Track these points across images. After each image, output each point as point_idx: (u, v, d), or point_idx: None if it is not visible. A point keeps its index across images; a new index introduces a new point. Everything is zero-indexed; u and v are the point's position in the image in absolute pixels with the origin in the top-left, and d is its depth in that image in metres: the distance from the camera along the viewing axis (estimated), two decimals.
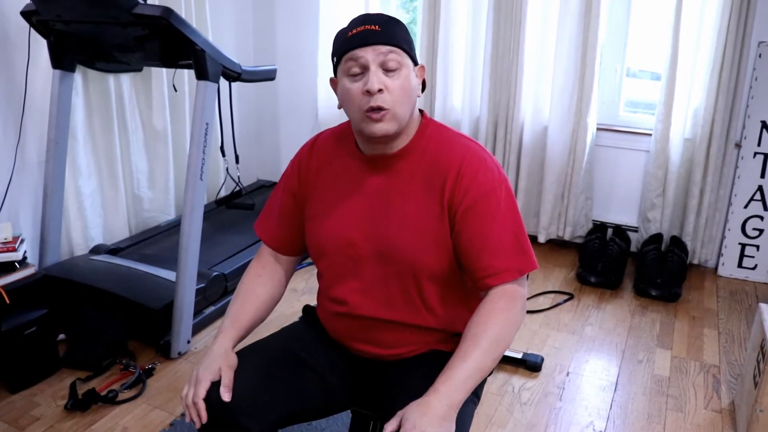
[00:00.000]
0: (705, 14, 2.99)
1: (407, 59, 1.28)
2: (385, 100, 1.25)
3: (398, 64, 1.26)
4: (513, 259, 1.30)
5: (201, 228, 2.46)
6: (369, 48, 1.24)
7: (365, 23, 1.26)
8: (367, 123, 1.27)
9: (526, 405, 2.24)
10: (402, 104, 1.27)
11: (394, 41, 1.26)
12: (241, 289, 1.49)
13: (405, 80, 1.27)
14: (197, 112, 2.38)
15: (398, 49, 1.26)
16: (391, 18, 1.30)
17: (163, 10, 2.20)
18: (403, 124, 1.30)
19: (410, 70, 1.29)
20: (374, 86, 1.23)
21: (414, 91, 1.30)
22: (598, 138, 3.41)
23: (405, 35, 1.29)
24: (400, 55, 1.26)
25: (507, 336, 1.26)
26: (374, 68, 1.25)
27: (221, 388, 1.27)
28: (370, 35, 1.25)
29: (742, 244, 3.25)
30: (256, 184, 4.06)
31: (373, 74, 1.24)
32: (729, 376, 2.43)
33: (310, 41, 3.85)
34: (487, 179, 1.30)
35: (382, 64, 1.25)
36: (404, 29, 1.30)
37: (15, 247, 2.31)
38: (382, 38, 1.25)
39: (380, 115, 1.25)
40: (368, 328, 1.38)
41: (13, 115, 2.62)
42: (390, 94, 1.25)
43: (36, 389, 2.26)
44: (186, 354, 2.50)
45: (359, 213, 1.36)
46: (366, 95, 1.25)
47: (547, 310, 2.93)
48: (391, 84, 1.25)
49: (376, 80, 1.24)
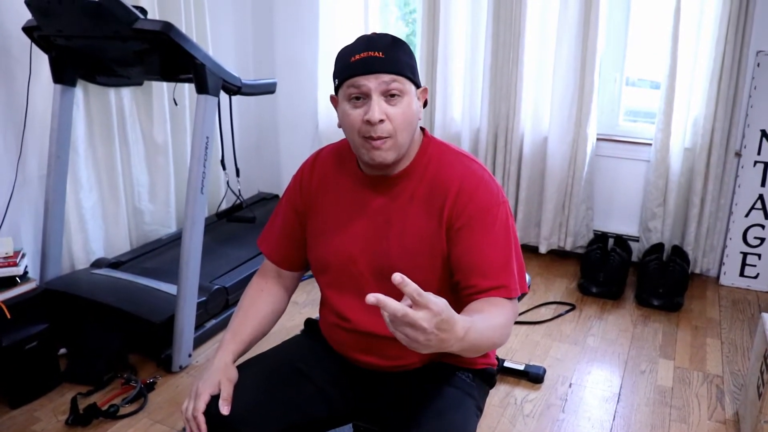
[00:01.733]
0: (703, 23, 3.00)
1: (410, 85, 1.27)
2: (386, 129, 1.24)
3: (401, 92, 1.24)
4: (502, 280, 1.27)
5: (202, 241, 2.46)
6: (372, 76, 1.22)
7: (368, 49, 1.24)
8: (367, 149, 1.27)
9: (528, 417, 2.23)
10: (403, 132, 1.26)
11: (397, 69, 1.24)
12: (243, 303, 1.49)
13: (407, 107, 1.26)
14: (197, 125, 2.39)
15: (401, 77, 1.24)
16: (395, 41, 1.28)
17: (163, 25, 2.21)
18: (403, 152, 1.30)
19: (412, 96, 1.28)
20: (375, 117, 1.22)
21: (415, 116, 1.29)
22: (598, 148, 3.42)
23: (409, 60, 1.27)
24: (402, 83, 1.24)
25: (502, 337, 1.22)
26: (376, 97, 1.23)
27: (220, 401, 1.27)
28: (373, 62, 1.23)
29: (744, 253, 3.25)
30: (257, 196, 4.06)
31: (375, 103, 1.23)
32: (732, 386, 2.42)
33: (310, 54, 3.87)
34: (485, 198, 1.29)
35: (384, 92, 1.23)
36: (408, 52, 1.28)
37: (16, 262, 2.30)
38: (385, 66, 1.23)
39: (380, 143, 1.25)
40: (369, 342, 1.38)
41: (14, 129, 2.63)
42: (391, 122, 1.24)
43: (37, 404, 2.25)
44: (187, 368, 2.50)
45: (361, 231, 1.36)
46: (366, 124, 1.24)
47: (548, 321, 2.92)
48: (392, 112, 1.24)
49: (377, 110, 1.22)
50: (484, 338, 1.13)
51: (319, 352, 1.49)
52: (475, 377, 1.44)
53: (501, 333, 1.21)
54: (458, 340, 1.01)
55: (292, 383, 1.40)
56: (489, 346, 1.21)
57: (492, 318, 1.20)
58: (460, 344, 1.03)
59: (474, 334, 1.06)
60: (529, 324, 2.88)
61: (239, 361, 1.40)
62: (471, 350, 1.14)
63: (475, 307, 1.23)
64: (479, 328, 1.10)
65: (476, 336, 1.08)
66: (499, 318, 1.22)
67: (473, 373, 1.44)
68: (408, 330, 0.94)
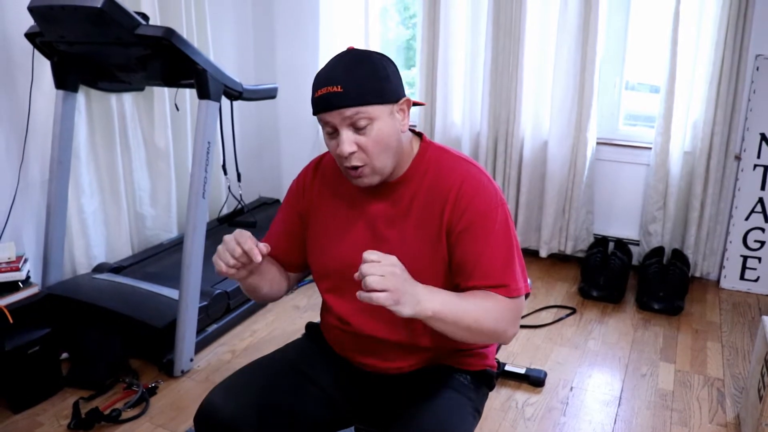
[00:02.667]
0: (702, 27, 3.01)
1: (378, 109, 1.24)
2: (360, 158, 1.25)
3: (368, 121, 1.23)
4: (501, 281, 1.28)
5: (203, 246, 2.47)
6: (335, 112, 1.23)
7: (327, 83, 1.22)
8: (350, 178, 1.30)
9: (529, 420, 2.24)
10: (379, 156, 1.26)
11: (359, 100, 1.21)
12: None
13: (378, 133, 1.24)
14: (199, 130, 2.40)
15: (365, 106, 1.22)
16: (354, 66, 1.24)
17: (164, 31, 2.23)
18: (386, 172, 1.30)
19: (384, 119, 1.25)
20: (345, 150, 1.23)
21: (391, 137, 1.27)
22: (598, 152, 3.43)
23: (373, 84, 1.23)
24: (367, 112, 1.22)
25: (490, 323, 1.25)
26: (343, 130, 1.24)
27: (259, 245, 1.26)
28: (333, 99, 1.22)
29: (744, 257, 3.25)
30: (258, 201, 4.07)
31: (343, 137, 1.23)
32: (733, 389, 2.42)
33: (311, 59, 3.88)
34: (484, 201, 1.30)
35: (351, 124, 1.23)
36: (371, 73, 1.24)
37: (18, 267, 2.31)
38: (345, 101, 1.21)
39: (358, 173, 1.27)
40: (370, 344, 1.39)
41: (16, 135, 2.64)
42: (364, 151, 1.25)
43: (39, 409, 2.25)
44: (189, 372, 2.50)
45: (360, 237, 1.37)
46: (339, 156, 1.26)
47: (549, 325, 2.93)
48: (363, 141, 1.24)
49: (347, 143, 1.23)
50: (461, 309, 1.20)
51: (320, 355, 1.49)
52: (474, 379, 1.44)
53: (487, 316, 1.24)
54: (426, 292, 1.16)
55: (294, 385, 1.41)
56: (471, 322, 1.22)
57: (478, 299, 1.24)
58: (431, 303, 1.15)
59: (447, 297, 1.20)
60: (530, 328, 2.88)
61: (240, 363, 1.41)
62: (448, 320, 1.19)
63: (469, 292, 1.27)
64: (454, 300, 1.21)
65: (450, 301, 1.19)
66: (487, 303, 1.25)
67: (472, 375, 1.44)
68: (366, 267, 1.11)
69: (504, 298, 1.28)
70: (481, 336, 1.27)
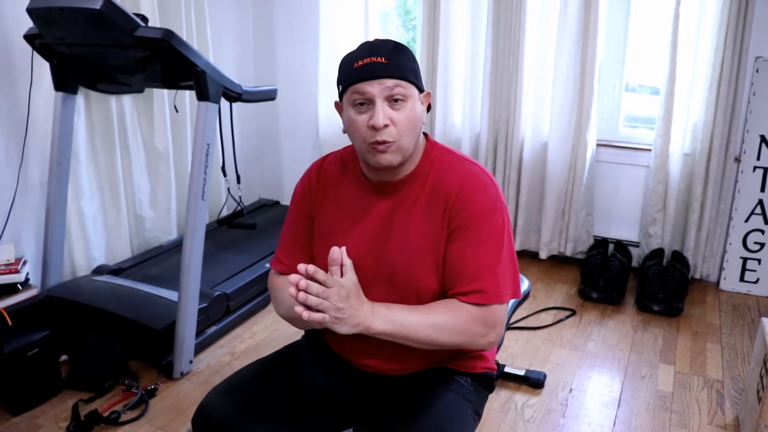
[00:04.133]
0: (702, 30, 3.01)
1: (413, 89, 1.28)
2: (390, 134, 1.25)
3: (404, 97, 1.26)
4: (476, 285, 1.28)
5: (203, 248, 2.47)
6: (375, 82, 1.24)
7: (371, 54, 1.25)
8: (373, 154, 1.28)
9: (529, 422, 2.24)
10: (407, 136, 1.28)
11: (400, 74, 1.25)
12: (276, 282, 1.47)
13: (411, 112, 1.27)
14: (198, 132, 2.40)
15: (404, 81, 1.26)
16: (398, 46, 1.29)
17: (163, 33, 2.23)
18: (408, 155, 1.31)
19: (416, 101, 1.29)
20: (380, 122, 1.24)
21: (419, 120, 1.30)
22: (598, 154, 3.43)
23: (412, 64, 1.29)
24: (406, 87, 1.26)
25: (453, 334, 1.27)
26: (380, 102, 1.24)
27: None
28: (376, 68, 1.24)
29: (744, 258, 3.25)
30: (258, 203, 4.07)
31: (379, 108, 1.24)
32: (733, 391, 2.42)
33: (311, 61, 3.88)
34: (482, 202, 1.30)
35: (388, 97, 1.25)
36: (411, 57, 1.30)
37: (17, 269, 2.31)
38: (388, 71, 1.24)
39: (385, 147, 1.26)
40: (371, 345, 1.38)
41: (16, 137, 2.64)
42: (396, 127, 1.26)
43: (38, 411, 2.25)
44: (188, 374, 2.50)
45: (365, 236, 1.37)
46: (371, 129, 1.25)
47: (549, 327, 2.92)
48: (397, 117, 1.25)
49: (382, 115, 1.24)
50: (410, 327, 1.25)
51: (320, 357, 1.49)
52: (474, 381, 1.44)
53: (444, 330, 1.27)
54: (370, 312, 1.22)
55: (292, 388, 1.41)
56: (423, 337, 1.26)
57: (437, 313, 1.27)
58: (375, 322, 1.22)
59: (396, 315, 1.25)
60: (529, 329, 2.88)
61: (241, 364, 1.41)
62: (397, 337, 1.26)
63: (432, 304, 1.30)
64: (405, 316, 1.25)
65: (399, 318, 1.24)
66: (449, 315, 1.27)
67: (472, 377, 1.44)
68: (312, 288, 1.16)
69: (473, 307, 1.27)
70: (444, 346, 1.30)
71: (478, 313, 1.28)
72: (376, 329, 1.23)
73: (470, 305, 1.27)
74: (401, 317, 1.25)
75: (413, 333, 1.25)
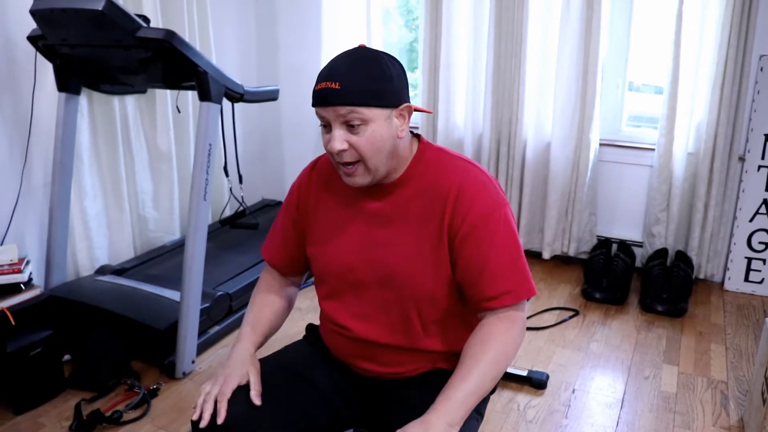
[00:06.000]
0: (706, 28, 3.00)
1: (375, 112, 1.22)
2: (351, 156, 1.25)
3: (361, 121, 1.22)
4: (512, 284, 1.28)
5: (205, 248, 2.47)
6: (329, 108, 1.22)
7: (327, 79, 1.22)
8: (343, 174, 1.30)
9: (531, 423, 2.23)
10: (372, 156, 1.25)
11: (354, 100, 1.20)
12: (256, 298, 1.51)
13: (371, 135, 1.23)
14: (200, 133, 2.40)
15: (360, 107, 1.21)
16: (359, 66, 1.23)
17: (165, 33, 2.23)
18: (380, 174, 1.29)
19: (379, 121, 1.23)
20: (335, 147, 1.23)
21: (386, 140, 1.25)
22: (601, 153, 3.42)
23: (373, 86, 1.22)
24: (361, 112, 1.21)
25: (506, 356, 1.25)
26: (336, 126, 1.23)
27: (252, 392, 1.30)
28: (329, 95, 1.21)
29: (748, 258, 3.24)
30: (261, 203, 4.07)
31: (335, 133, 1.23)
32: (737, 392, 2.41)
33: (313, 61, 3.88)
34: (486, 203, 1.29)
35: (344, 122, 1.23)
36: (373, 76, 1.22)
37: (21, 269, 2.32)
38: (340, 99, 1.20)
39: (351, 170, 1.27)
40: (369, 349, 1.39)
41: (19, 137, 2.65)
42: (356, 150, 1.24)
43: (41, 410, 2.26)
44: (190, 374, 2.50)
45: (359, 239, 1.36)
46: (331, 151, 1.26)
47: (552, 327, 2.92)
48: (355, 140, 1.23)
49: (338, 141, 1.23)
50: (474, 389, 1.20)
51: (320, 358, 1.49)
52: None
53: (504, 358, 1.25)
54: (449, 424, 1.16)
55: (294, 389, 1.40)
56: (490, 383, 1.24)
57: (477, 360, 1.23)
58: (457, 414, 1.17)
59: (457, 394, 1.18)
60: (532, 330, 2.87)
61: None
62: (479, 391, 1.21)
63: (474, 340, 1.26)
64: (463, 387, 1.19)
65: (461, 396, 1.18)
66: (486, 356, 1.23)
67: None
68: None
69: (502, 312, 1.28)
70: (506, 366, 1.28)
71: (512, 316, 1.28)
72: (454, 420, 1.17)
73: (502, 310, 1.28)
74: (457, 393, 1.19)
75: (482, 390, 1.22)
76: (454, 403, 1.18)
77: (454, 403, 1.18)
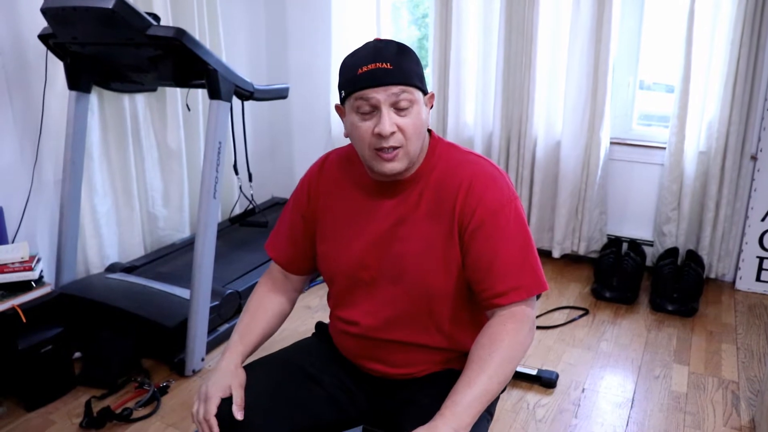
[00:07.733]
0: (717, 26, 2.98)
1: (419, 94, 1.25)
2: (397, 140, 1.23)
3: (410, 103, 1.23)
4: (522, 280, 1.27)
5: (215, 246, 2.47)
6: (381, 89, 1.21)
7: (376, 60, 1.21)
8: (378, 161, 1.26)
9: (541, 422, 2.22)
10: (414, 141, 1.25)
11: (406, 80, 1.22)
12: (251, 304, 1.49)
13: (416, 117, 1.24)
14: (210, 130, 2.40)
15: (410, 87, 1.22)
16: (402, 49, 1.25)
17: (175, 31, 2.23)
18: (414, 160, 1.29)
19: (421, 105, 1.26)
20: (387, 130, 1.21)
21: (425, 124, 1.28)
22: (612, 152, 3.40)
23: (416, 68, 1.25)
24: (411, 93, 1.23)
25: (514, 358, 1.24)
26: (386, 109, 1.21)
27: (234, 407, 1.27)
28: (382, 75, 1.20)
29: (760, 258, 3.21)
30: (270, 201, 4.08)
31: (385, 116, 1.21)
32: (749, 392, 2.39)
33: (323, 59, 3.89)
34: (496, 198, 1.28)
35: (393, 104, 1.22)
36: (415, 60, 1.26)
37: (31, 266, 2.33)
38: (394, 78, 1.21)
39: (392, 155, 1.24)
40: (378, 348, 1.38)
41: (30, 136, 2.67)
42: (402, 133, 1.23)
43: (52, 407, 2.27)
44: (200, 372, 2.51)
45: (370, 236, 1.35)
46: (377, 136, 1.23)
47: (562, 326, 2.91)
48: (403, 123, 1.23)
49: (388, 123, 1.21)
50: (482, 393, 1.18)
51: (328, 356, 1.48)
52: None
53: (512, 361, 1.23)
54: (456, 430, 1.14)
55: (301, 386, 1.40)
56: (504, 375, 1.22)
57: (485, 361, 1.20)
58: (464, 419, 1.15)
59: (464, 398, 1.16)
60: (542, 329, 2.86)
61: (252, 359, 1.41)
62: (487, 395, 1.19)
63: (481, 342, 1.24)
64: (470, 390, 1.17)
65: (470, 398, 1.17)
66: (495, 357, 1.21)
67: None
68: None
69: (511, 308, 1.26)
70: (515, 367, 1.26)
71: (521, 313, 1.27)
72: (465, 423, 1.15)
73: (511, 307, 1.26)
74: (465, 398, 1.17)
75: (490, 394, 1.20)
76: (460, 408, 1.16)
77: (461, 408, 1.16)
